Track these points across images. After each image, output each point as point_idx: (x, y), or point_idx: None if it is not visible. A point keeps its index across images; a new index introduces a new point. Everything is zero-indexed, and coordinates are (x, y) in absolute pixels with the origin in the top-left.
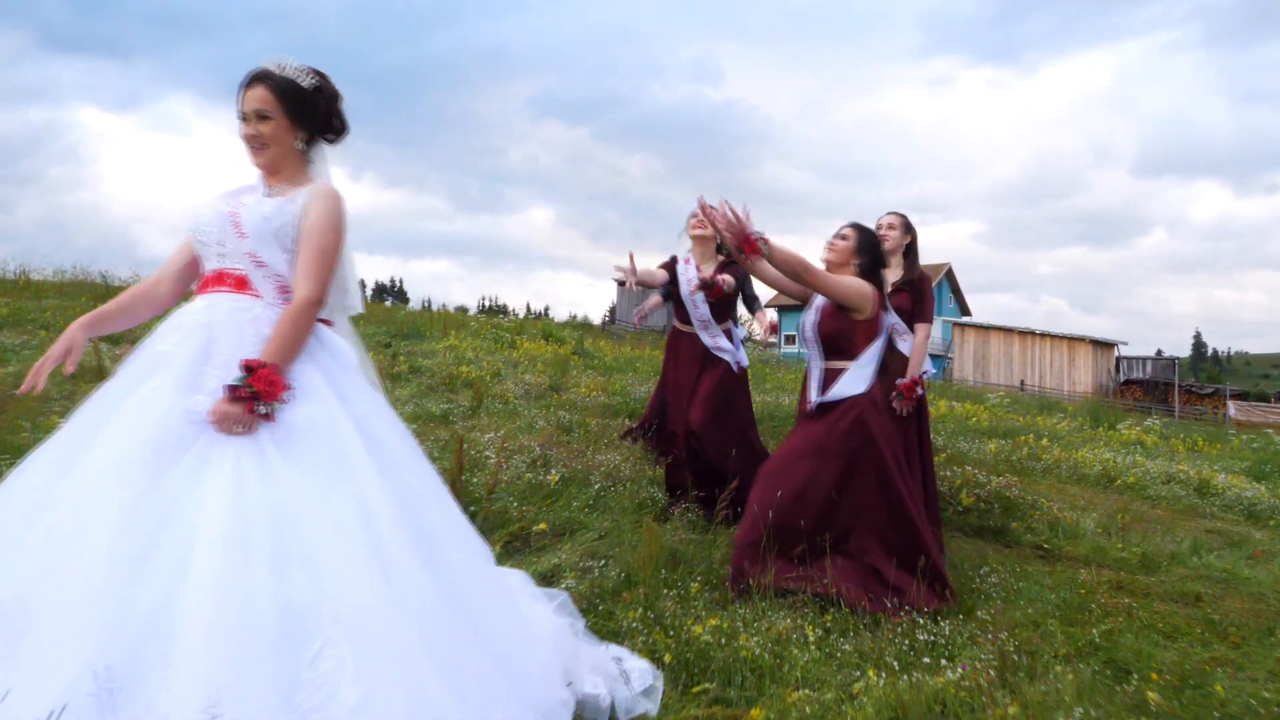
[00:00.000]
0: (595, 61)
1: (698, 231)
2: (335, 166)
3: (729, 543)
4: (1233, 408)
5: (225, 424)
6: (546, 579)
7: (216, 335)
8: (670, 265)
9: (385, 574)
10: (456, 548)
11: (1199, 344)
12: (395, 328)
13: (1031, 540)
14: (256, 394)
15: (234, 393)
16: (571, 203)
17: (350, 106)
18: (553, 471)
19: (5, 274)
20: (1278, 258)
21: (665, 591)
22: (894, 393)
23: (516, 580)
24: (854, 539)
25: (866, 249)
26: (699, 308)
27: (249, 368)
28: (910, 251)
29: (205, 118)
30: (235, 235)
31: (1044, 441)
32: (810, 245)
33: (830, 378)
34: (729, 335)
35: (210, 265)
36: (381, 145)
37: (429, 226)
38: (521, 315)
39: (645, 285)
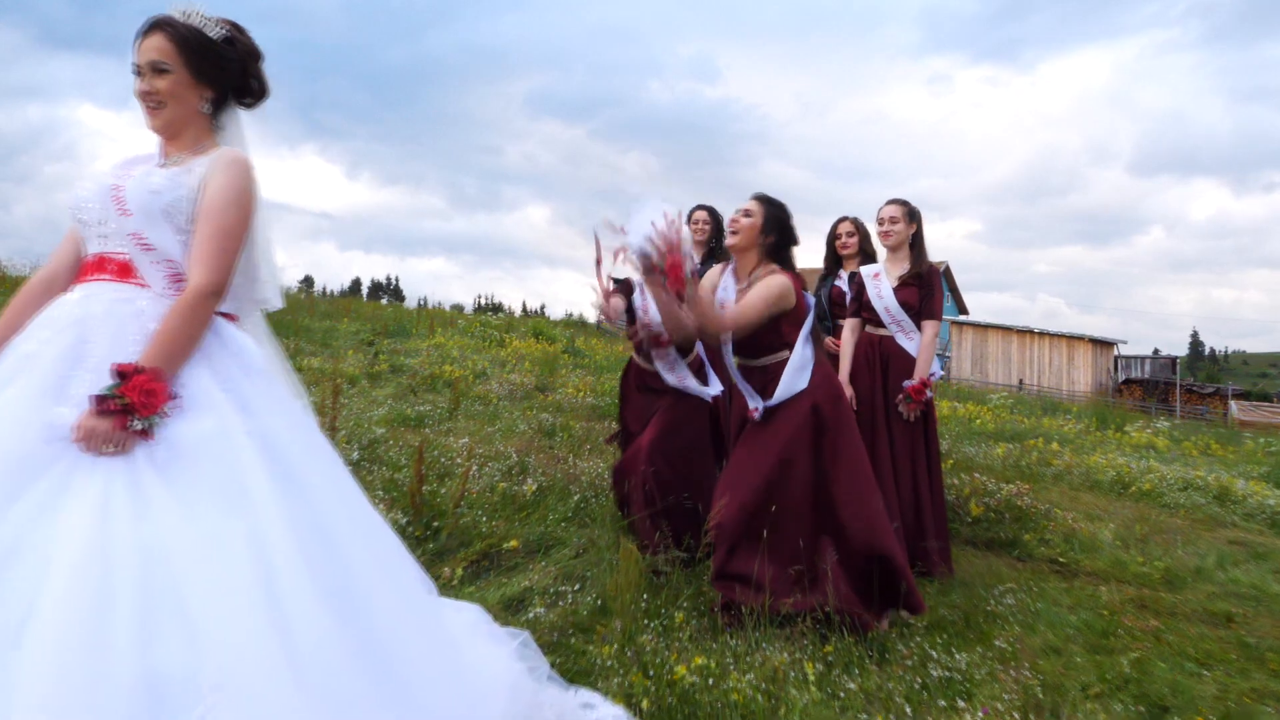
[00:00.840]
0: (593, 60)
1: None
2: (333, 165)
3: None
4: (1235, 407)
5: (92, 443)
6: (513, 605)
7: (91, 332)
8: (626, 290)
9: (283, 630)
10: (382, 590)
11: (1196, 343)
12: (381, 325)
13: (1046, 553)
14: (130, 406)
15: (102, 404)
16: (569, 201)
17: (349, 104)
18: (529, 481)
19: None
20: (1276, 256)
21: (646, 623)
22: (900, 395)
23: (469, 618)
24: (833, 545)
25: (774, 226)
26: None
27: (122, 373)
28: (916, 241)
29: None
30: (117, 213)
31: (1054, 445)
32: (807, 242)
33: (758, 377)
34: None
35: (91, 249)
36: (379, 143)
37: (426, 225)
38: (518, 313)
39: (608, 320)
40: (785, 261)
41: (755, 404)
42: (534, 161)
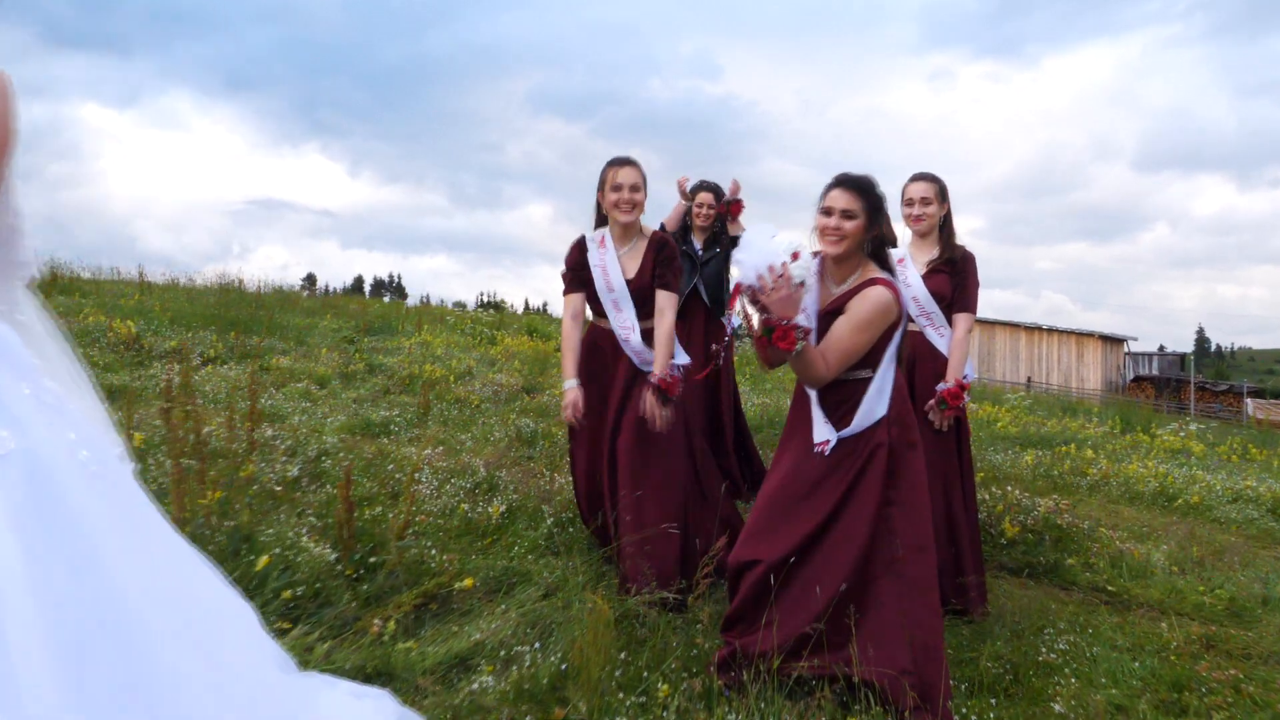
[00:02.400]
0: (593, 57)
1: (625, 218)
2: (335, 163)
3: (716, 613)
4: (1251, 405)
5: None
6: (456, 669)
7: None
8: (579, 249)
9: None
10: (199, 684)
11: (1202, 339)
12: (367, 321)
13: (1091, 580)
14: None
15: None
16: (570, 198)
17: (349, 103)
18: (496, 501)
19: None
20: None
21: (621, 698)
22: (933, 400)
23: (367, 711)
24: (872, 604)
25: (877, 215)
26: (622, 310)
27: None
28: (945, 223)
29: (204, 114)
30: None
31: (1088, 453)
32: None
33: (832, 396)
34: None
35: None
36: (380, 141)
37: (428, 223)
38: (520, 311)
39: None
40: (884, 258)
41: (826, 436)
42: (534, 159)
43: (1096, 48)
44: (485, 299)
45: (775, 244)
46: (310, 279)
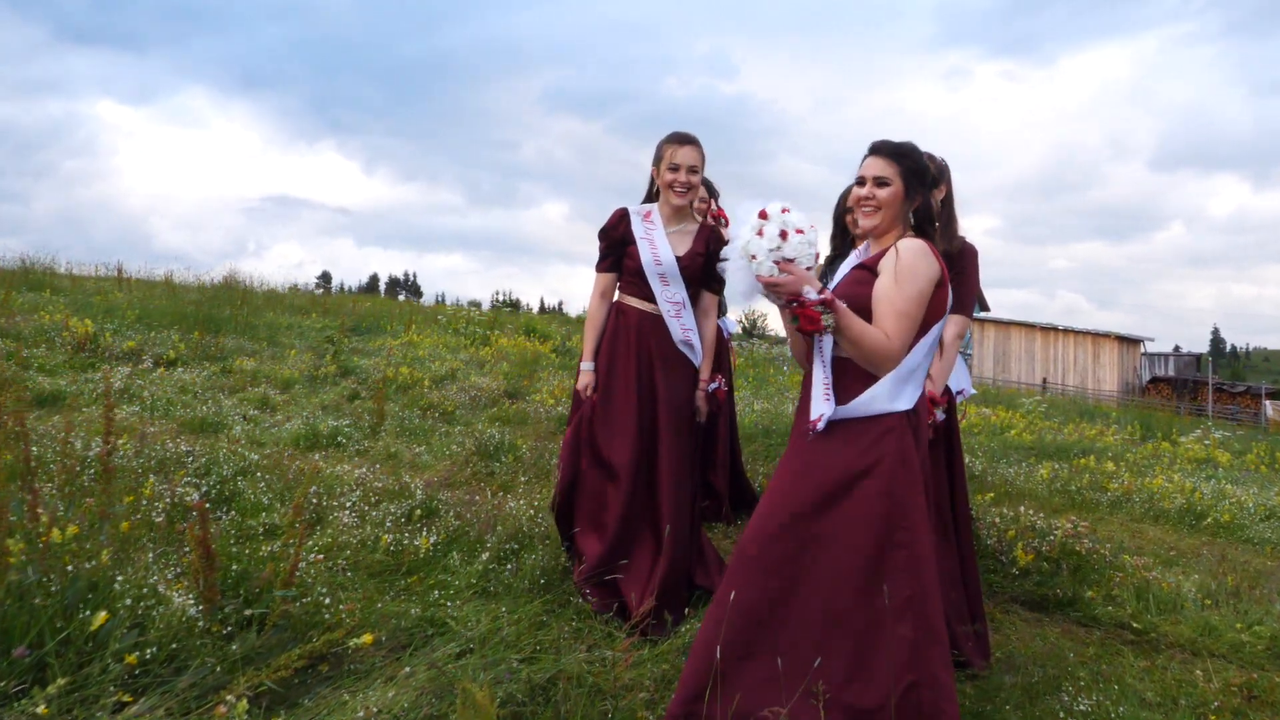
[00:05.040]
0: (608, 55)
1: (679, 200)
2: (350, 160)
3: (662, 676)
4: (1269, 407)
5: None
6: None
7: None
8: (622, 219)
9: None
10: None
11: (1217, 339)
12: (355, 320)
13: (1114, 615)
14: None
15: None
16: (585, 197)
17: (364, 100)
18: (427, 532)
19: None
20: None
21: None
22: None
23: None
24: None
25: (918, 181)
26: (670, 285)
27: None
28: (945, 210)
29: (220, 111)
30: None
31: (1108, 465)
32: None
33: (845, 376)
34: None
35: None
36: (395, 139)
37: (443, 221)
38: (536, 309)
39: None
40: (929, 237)
41: (821, 411)
42: (550, 158)
43: (1112, 46)
44: (501, 298)
45: (749, 241)
46: (325, 277)
